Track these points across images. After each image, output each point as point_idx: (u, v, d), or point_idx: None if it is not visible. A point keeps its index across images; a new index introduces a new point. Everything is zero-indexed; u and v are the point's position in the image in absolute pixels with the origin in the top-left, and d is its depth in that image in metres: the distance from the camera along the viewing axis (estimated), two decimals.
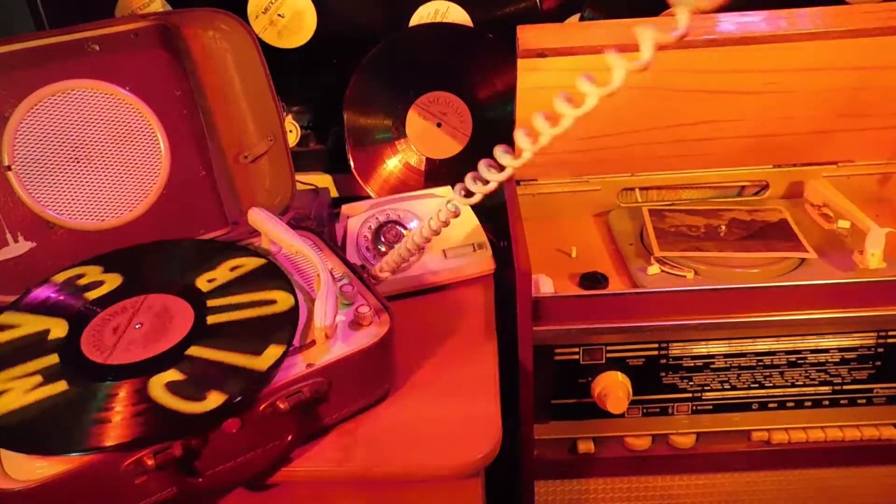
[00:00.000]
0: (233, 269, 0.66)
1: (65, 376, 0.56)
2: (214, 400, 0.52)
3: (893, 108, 0.79)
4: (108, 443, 0.50)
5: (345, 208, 0.84)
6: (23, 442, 0.51)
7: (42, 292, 0.65)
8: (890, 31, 0.72)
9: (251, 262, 0.67)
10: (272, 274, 0.65)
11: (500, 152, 0.54)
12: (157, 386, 0.54)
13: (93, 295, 0.65)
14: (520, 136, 0.53)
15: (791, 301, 0.67)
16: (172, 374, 0.55)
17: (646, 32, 0.45)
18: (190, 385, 0.54)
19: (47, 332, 0.61)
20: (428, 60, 0.92)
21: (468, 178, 0.59)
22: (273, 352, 0.56)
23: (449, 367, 0.68)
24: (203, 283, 0.64)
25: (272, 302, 0.61)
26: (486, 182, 0.57)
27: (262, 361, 0.55)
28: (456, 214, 0.63)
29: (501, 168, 0.55)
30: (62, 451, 0.50)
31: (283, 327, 0.59)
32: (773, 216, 0.81)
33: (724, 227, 0.79)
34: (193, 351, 0.57)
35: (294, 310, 0.60)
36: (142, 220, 0.75)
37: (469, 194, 0.60)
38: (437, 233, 0.66)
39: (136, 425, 0.51)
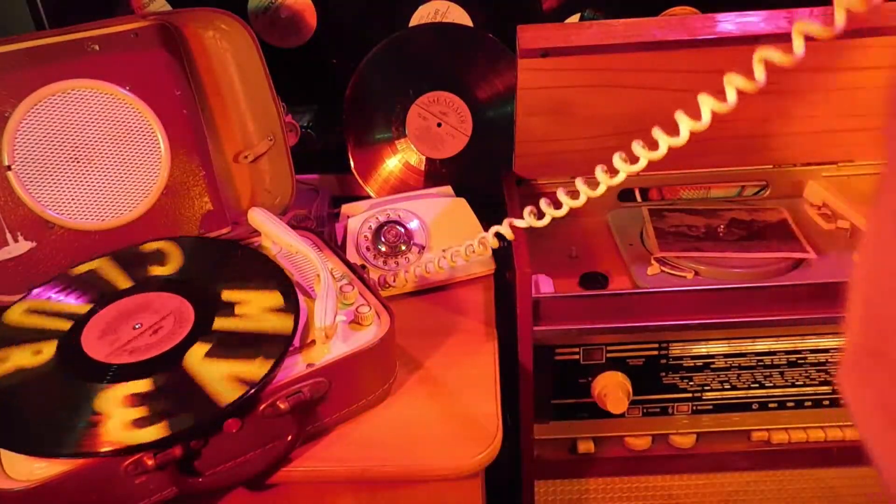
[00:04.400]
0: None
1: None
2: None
3: None
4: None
5: (345, 208, 0.83)
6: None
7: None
8: (890, 31, 0.72)
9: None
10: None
11: (561, 192, 0.63)
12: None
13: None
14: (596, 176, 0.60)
15: (791, 301, 0.67)
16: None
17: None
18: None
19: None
20: (428, 60, 0.92)
21: (527, 209, 0.65)
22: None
23: (449, 367, 0.68)
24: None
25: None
26: (542, 216, 0.64)
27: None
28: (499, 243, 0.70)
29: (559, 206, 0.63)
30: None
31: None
32: (773, 216, 0.81)
33: (723, 227, 0.79)
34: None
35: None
36: (142, 220, 0.75)
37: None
38: (484, 251, 0.70)
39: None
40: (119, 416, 0.52)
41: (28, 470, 0.50)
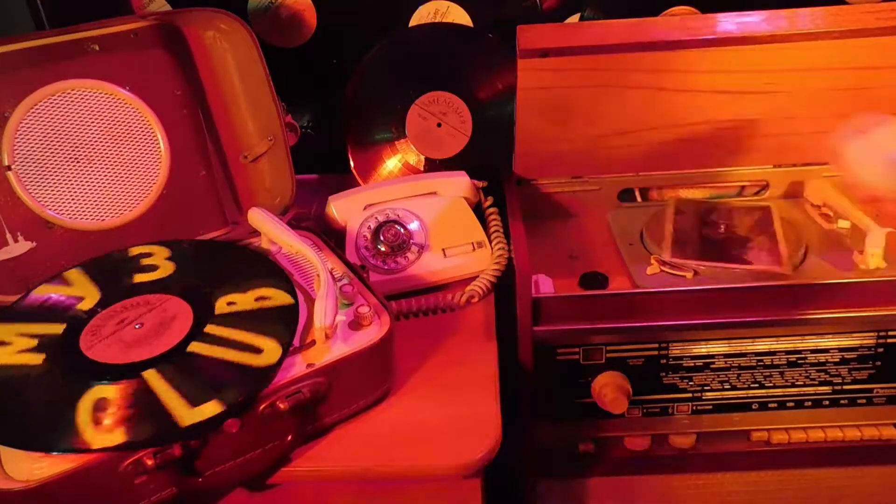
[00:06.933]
0: (258, 299, 0.63)
1: (47, 350, 0.58)
2: (116, 437, 0.51)
3: (894, 108, 0.79)
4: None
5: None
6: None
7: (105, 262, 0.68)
8: (890, 31, 0.72)
9: (278, 298, 0.62)
10: (286, 318, 0.61)
11: None
12: (88, 399, 0.54)
13: (140, 279, 0.66)
14: None
15: (791, 301, 0.67)
16: (108, 391, 0.54)
17: None
18: (122, 409, 0.53)
19: (79, 300, 0.63)
20: (428, 60, 0.92)
21: None
22: (209, 408, 0.53)
23: (449, 367, 0.68)
24: (223, 304, 0.62)
25: (259, 351, 0.58)
26: None
27: (194, 415, 0.53)
28: None
29: None
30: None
31: (244, 382, 0.55)
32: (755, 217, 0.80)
33: (724, 228, 0.79)
34: (148, 374, 0.56)
35: (272, 368, 0.57)
36: (142, 220, 0.75)
37: None
38: None
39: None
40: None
41: (28, 470, 0.50)
